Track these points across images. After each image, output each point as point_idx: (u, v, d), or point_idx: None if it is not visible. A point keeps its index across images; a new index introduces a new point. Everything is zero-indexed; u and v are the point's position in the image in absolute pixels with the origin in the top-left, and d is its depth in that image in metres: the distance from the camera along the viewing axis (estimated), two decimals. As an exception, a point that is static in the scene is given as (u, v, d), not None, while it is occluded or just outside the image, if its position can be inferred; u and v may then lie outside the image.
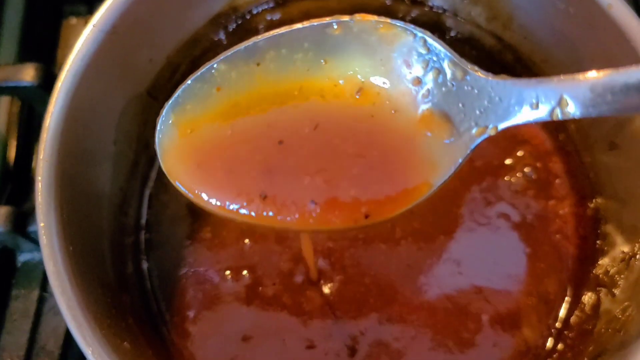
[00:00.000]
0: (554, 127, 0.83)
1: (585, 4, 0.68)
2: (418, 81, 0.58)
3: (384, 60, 0.58)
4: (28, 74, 0.81)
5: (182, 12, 0.78)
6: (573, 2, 0.70)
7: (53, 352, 0.80)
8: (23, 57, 0.93)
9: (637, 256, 0.69)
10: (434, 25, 0.85)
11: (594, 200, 0.79)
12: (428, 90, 0.58)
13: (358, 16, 0.58)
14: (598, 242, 0.77)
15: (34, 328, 0.81)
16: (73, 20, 0.99)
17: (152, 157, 0.83)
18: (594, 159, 0.78)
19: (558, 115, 0.54)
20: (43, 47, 0.97)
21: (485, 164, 0.81)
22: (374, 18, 0.57)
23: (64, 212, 0.63)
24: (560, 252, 0.78)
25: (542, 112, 0.54)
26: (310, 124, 0.58)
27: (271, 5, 0.84)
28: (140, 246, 0.81)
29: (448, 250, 0.78)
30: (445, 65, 0.57)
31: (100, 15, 0.69)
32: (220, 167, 0.58)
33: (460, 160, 0.57)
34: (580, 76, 0.53)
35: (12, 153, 0.90)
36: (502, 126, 0.56)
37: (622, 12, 0.65)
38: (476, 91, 0.56)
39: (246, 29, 0.84)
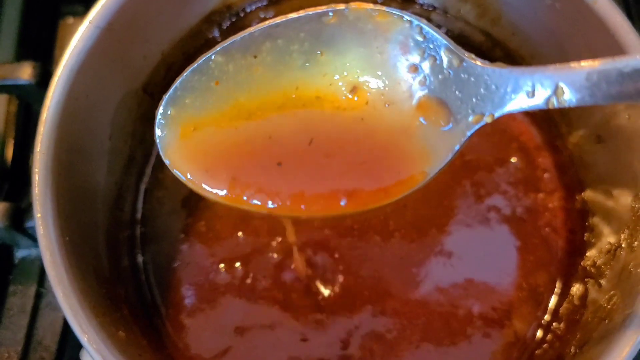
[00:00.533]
0: (542, 122, 0.82)
1: (571, -1, 0.67)
2: (415, 68, 0.56)
3: (380, 48, 0.56)
4: (25, 72, 0.79)
5: (177, 9, 0.77)
6: (559, -3, 0.69)
7: (50, 347, 0.78)
8: (21, 55, 0.92)
9: (623, 245, 0.67)
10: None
11: (581, 194, 0.78)
12: (424, 77, 0.56)
13: (353, 4, 0.55)
14: (586, 234, 0.76)
15: (31, 323, 0.80)
16: (70, 20, 0.98)
17: (147, 153, 0.82)
18: (581, 152, 0.77)
19: (554, 103, 0.52)
20: (40, 46, 0.96)
21: (476, 159, 0.80)
22: (369, 6, 0.55)
23: (60, 204, 0.62)
24: (549, 245, 0.77)
25: (538, 100, 0.52)
26: (306, 137, 0.57)
27: (264, 3, 0.83)
28: (135, 240, 0.80)
29: (440, 243, 0.77)
30: (442, 52, 0.55)
31: (96, 11, 0.67)
32: (225, 176, 0.57)
33: (457, 147, 0.55)
34: (576, 64, 0.51)
35: (9, 151, 0.89)
36: (498, 114, 0.54)
37: (607, 8, 0.65)
38: (472, 79, 0.54)
39: (240, 27, 0.81)
